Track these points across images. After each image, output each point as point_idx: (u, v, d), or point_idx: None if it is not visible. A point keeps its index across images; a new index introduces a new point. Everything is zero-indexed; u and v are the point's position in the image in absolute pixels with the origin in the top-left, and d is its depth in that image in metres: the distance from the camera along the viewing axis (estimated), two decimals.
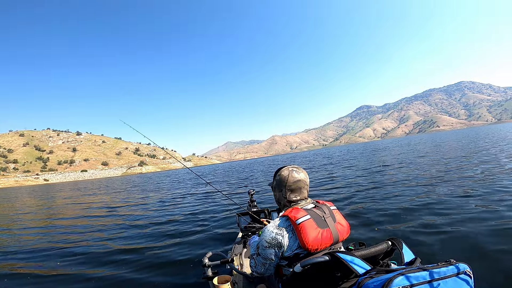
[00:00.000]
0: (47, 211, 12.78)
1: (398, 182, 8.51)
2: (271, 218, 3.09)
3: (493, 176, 7.29)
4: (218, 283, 1.99)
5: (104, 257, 4.56)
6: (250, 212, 3.08)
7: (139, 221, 7.56)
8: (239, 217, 3.19)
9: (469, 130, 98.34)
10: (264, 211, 3.24)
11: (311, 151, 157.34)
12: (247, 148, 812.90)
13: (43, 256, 4.95)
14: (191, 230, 5.76)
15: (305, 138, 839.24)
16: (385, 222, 4.72)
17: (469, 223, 4.05)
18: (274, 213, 3.17)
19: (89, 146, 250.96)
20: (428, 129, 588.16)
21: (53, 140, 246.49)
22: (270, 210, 3.24)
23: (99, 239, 5.88)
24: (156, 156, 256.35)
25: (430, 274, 1.04)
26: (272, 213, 3.21)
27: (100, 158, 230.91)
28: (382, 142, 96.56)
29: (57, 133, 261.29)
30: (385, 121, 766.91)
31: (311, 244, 1.38)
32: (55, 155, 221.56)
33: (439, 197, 5.84)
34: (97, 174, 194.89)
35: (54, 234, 6.93)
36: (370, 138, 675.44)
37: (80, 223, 8.45)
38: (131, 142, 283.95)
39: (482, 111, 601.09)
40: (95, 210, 11.30)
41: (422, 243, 3.55)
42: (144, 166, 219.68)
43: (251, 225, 2.96)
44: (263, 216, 3.16)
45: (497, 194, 5.42)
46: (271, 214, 3.20)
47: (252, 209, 3.32)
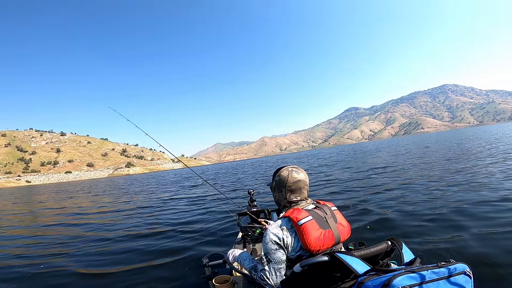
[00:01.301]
0: (13, 217, 11.43)
1: (395, 183, 8.54)
2: (271, 218, 3.08)
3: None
4: (217, 283, 1.98)
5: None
6: (250, 212, 3.06)
7: (112, 232, 6.41)
8: (239, 217, 3.17)
9: (453, 132, 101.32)
10: (264, 211, 3.22)
11: (302, 152, 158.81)
12: (236, 149, 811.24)
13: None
14: (177, 247, 4.60)
15: (294, 140, 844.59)
16: (381, 221, 4.73)
17: (469, 222, 4.07)
18: (274, 213, 3.15)
19: (74, 147, 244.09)
20: (413, 131, 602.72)
21: (36, 141, 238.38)
22: (270, 210, 3.22)
23: (53, 256, 4.81)
24: (144, 157, 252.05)
25: (430, 274, 1.04)
26: (272, 213, 3.19)
27: (85, 159, 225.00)
28: (372, 143, 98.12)
29: (40, 133, 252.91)
30: (372, 123, 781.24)
31: (313, 245, 1.37)
32: (38, 156, 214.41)
33: (438, 196, 5.95)
34: (82, 175, 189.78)
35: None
36: (357, 139, 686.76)
37: (41, 233, 7.21)
38: (118, 143, 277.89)
39: (465, 114, 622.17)
40: (65, 216, 10.05)
41: (422, 243, 3.53)
42: (132, 167, 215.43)
43: (251, 225, 2.95)
44: (263, 216, 3.14)
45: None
46: (271, 214, 3.18)
47: (252, 209, 3.29)
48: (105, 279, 3.59)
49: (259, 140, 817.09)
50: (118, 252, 4.69)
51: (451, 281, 1.04)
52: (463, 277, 1.06)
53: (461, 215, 4.38)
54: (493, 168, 8.56)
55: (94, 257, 4.56)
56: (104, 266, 4.06)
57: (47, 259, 4.66)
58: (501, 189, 5.81)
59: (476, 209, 4.63)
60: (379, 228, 4.33)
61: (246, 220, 3.10)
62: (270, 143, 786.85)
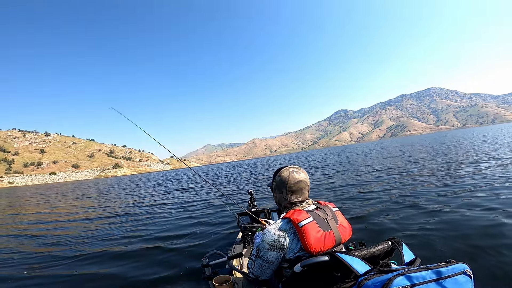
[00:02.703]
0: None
1: (392, 184, 8.56)
2: (271, 218, 3.04)
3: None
4: (218, 283, 1.96)
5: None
6: (250, 212, 3.01)
7: (68, 247, 5.25)
8: (239, 217, 3.15)
9: (438, 135, 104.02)
10: (264, 211, 3.19)
11: (292, 154, 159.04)
12: (227, 151, 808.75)
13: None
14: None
15: (284, 142, 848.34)
16: (379, 221, 4.72)
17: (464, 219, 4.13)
18: (274, 213, 3.11)
19: (59, 147, 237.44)
20: (400, 133, 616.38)
21: (19, 141, 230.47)
22: (270, 210, 3.19)
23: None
24: (132, 159, 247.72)
25: (430, 274, 1.04)
26: (272, 213, 3.15)
27: (71, 160, 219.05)
28: (362, 145, 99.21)
29: (24, 133, 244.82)
30: (360, 125, 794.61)
31: (314, 247, 1.36)
32: (20, 156, 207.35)
33: (435, 197, 5.99)
34: (67, 177, 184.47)
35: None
36: (346, 141, 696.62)
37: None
38: (105, 144, 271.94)
39: (449, 117, 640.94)
40: (28, 226, 8.73)
41: (421, 243, 3.54)
42: (119, 168, 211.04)
43: (251, 225, 2.92)
44: (263, 216, 3.11)
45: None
46: (271, 214, 3.14)
47: (252, 209, 3.25)
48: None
49: (249, 142, 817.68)
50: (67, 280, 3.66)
51: (451, 281, 1.04)
52: (463, 277, 1.06)
53: (468, 217, 4.33)
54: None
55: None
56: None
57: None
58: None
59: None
60: (379, 229, 4.32)
61: (246, 220, 3.07)
62: (260, 145, 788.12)
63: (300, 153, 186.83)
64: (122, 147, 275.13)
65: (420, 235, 3.80)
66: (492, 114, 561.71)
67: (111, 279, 3.57)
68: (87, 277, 3.71)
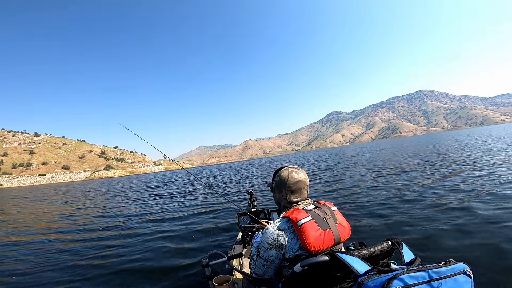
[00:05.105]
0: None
1: (390, 185, 8.60)
2: (271, 218, 3.06)
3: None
4: (218, 283, 1.96)
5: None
6: (250, 212, 3.02)
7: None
8: (239, 217, 3.15)
9: (428, 136, 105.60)
10: (264, 211, 3.19)
11: (287, 155, 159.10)
12: (220, 152, 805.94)
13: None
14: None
15: (278, 143, 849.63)
16: (380, 222, 4.73)
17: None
18: (274, 213, 3.13)
19: (49, 148, 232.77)
20: (392, 135, 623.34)
21: (7, 142, 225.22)
22: (270, 210, 3.20)
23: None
24: (124, 160, 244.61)
25: (430, 274, 1.04)
26: (272, 213, 3.17)
27: (61, 161, 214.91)
28: (355, 147, 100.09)
29: (13, 134, 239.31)
30: (353, 127, 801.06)
31: (313, 246, 1.37)
32: (9, 157, 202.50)
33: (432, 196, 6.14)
34: (57, 178, 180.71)
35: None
36: (339, 143, 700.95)
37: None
38: (96, 145, 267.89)
39: (439, 118, 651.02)
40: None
41: (421, 243, 3.57)
42: (111, 170, 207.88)
43: (251, 225, 2.93)
44: (263, 216, 3.11)
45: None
46: (271, 214, 3.16)
47: (252, 209, 3.26)
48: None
49: (243, 143, 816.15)
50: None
51: (451, 281, 1.04)
52: (463, 277, 1.06)
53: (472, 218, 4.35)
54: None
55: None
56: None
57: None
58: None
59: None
60: (380, 229, 4.33)
61: (246, 220, 3.07)
62: (254, 146, 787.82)
63: (293, 154, 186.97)
64: (114, 148, 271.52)
65: (420, 235, 3.83)
66: (481, 116, 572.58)
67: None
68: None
